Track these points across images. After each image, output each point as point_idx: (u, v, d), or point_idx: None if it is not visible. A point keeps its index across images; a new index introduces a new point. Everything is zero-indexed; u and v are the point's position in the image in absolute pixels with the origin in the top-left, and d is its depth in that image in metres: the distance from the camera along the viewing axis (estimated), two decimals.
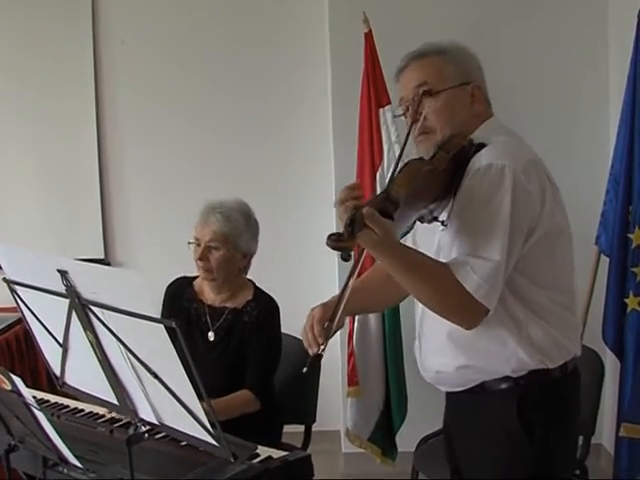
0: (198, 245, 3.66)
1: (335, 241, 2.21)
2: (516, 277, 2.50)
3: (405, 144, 2.54)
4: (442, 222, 2.51)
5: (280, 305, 3.73)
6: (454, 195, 2.50)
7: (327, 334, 2.53)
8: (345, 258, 2.25)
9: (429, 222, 2.53)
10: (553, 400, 2.61)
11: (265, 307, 3.70)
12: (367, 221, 2.22)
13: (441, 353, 2.65)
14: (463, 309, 2.43)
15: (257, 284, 3.81)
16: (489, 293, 2.38)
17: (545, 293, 2.55)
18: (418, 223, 2.62)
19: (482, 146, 2.53)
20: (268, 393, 3.64)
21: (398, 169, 2.42)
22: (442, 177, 2.46)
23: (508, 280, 2.47)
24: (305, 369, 2.46)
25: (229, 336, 3.66)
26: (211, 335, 3.67)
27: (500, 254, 2.38)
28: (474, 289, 2.37)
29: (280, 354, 3.72)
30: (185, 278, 3.84)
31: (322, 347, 2.51)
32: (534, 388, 2.57)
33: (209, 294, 3.77)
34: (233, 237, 3.64)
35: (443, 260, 2.49)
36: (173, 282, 3.86)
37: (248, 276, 3.80)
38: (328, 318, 2.54)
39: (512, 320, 2.52)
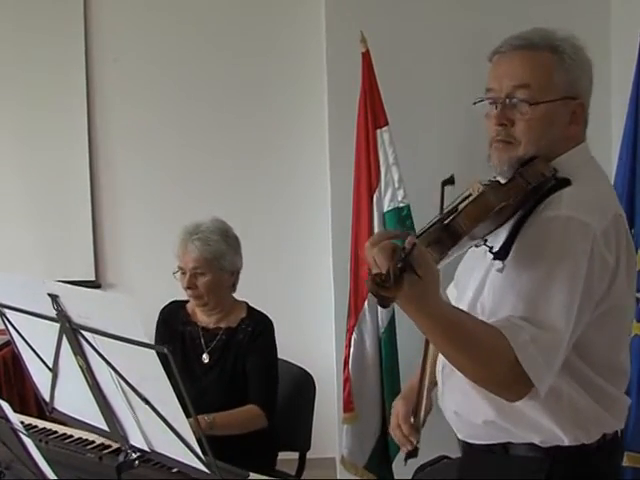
0: (183, 273, 3.64)
1: (379, 286, 1.78)
2: (568, 353, 2.13)
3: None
4: (490, 249, 2.16)
5: (276, 330, 3.69)
6: (517, 227, 2.16)
7: (417, 428, 2.40)
8: (384, 306, 1.85)
9: (477, 246, 2.21)
10: (587, 474, 2.29)
11: (260, 323, 3.68)
12: (414, 260, 1.82)
13: (466, 399, 2.32)
14: (509, 385, 2.06)
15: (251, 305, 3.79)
16: (544, 375, 2.02)
17: (596, 373, 2.21)
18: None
19: (566, 183, 2.17)
20: (274, 411, 3.60)
21: (472, 197, 2.06)
22: (511, 209, 2.13)
23: None
24: (405, 463, 2.44)
25: (224, 356, 3.62)
26: (205, 357, 3.63)
27: (565, 326, 2.03)
28: (529, 366, 1.99)
29: (277, 371, 3.69)
30: (177, 302, 3.82)
31: (416, 443, 2.39)
32: (566, 460, 2.26)
33: (202, 317, 3.74)
34: (216, 259, 3.62)
35: (489, 302, 2.19)
36: (166, 307, 3.85)
37: (242, 298, 3.76)
38: (412, 412, 2.40)
39: (555, 392, 2.15)
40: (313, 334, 5.45)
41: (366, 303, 4.70)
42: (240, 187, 5.66)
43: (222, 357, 3.63)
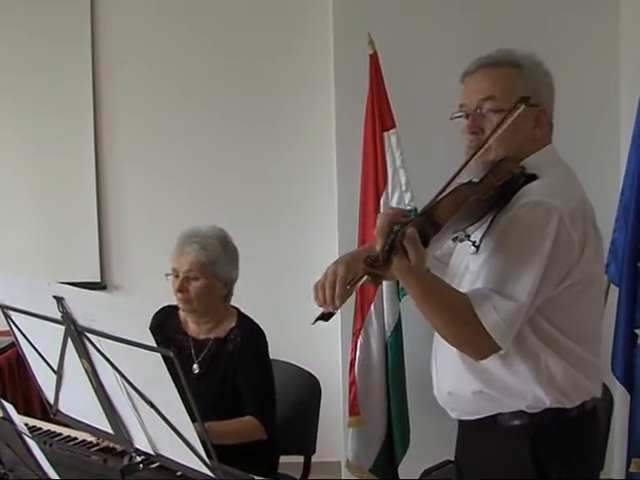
0: (176, 276, 3.60)
1: (370, 265, 2.18)
2: (540, 321, 2.44)
3: (466, 165, 2.43)
4: (473, 243, 2.45)
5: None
6: (493, 219, 2.45)
7: (346, 297, 2.44)
8: (375, 283, 2.27)
9: (461, 241, 2.48)
10: (568, 440, 2.53)
11: (248, 333, 3.62)
12: (406, 242, 2.19)
13: (456, 375, 2.59)
14: (476, 344, 2.39)
15: (242, 310, 3.74)
16: (505, 334, 2.34)
17: (569, 339, 2.48)
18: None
19: (533, 177, 2.45)
20: (273, 422, 3.56)
21: (446, 192, 2.31)
22: (486, 203, 2.40)
23: (533, 322, 2.43)
24: (313, 323, 2.43)
25: (214, 367, 3.57)
26: (195, 367, 3.59)
27: (526, 296, 2.34)
28: (492, 328, 2.32)
29: (273, 378, 3.64)
30: (171, 307, 3.75)
31: (337, 307, 2.43)
32: (549, 427, 2.51)
33: (192, 326, 3.69)
34: (211, 265, 3.56)
35: (467, 283, 2.48)
36: (159, 311, 3.78)
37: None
38: (350, 280, 2.41)
39: (532, 358, 2.46)
40: (319, 337, 5.41)
41: (372, 307, 4.67)
42: (247, 190, 5.65)
43: (212, 368, 3.58)
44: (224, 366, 3.56)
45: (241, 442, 3.38)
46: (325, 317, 2.41)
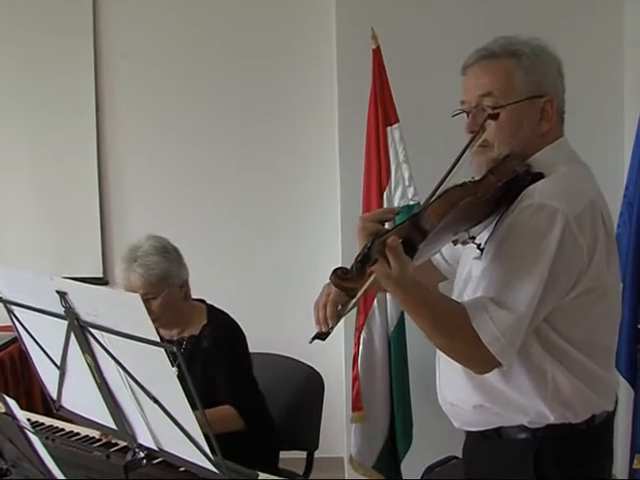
0: None
1: (339, 278, 2.10)
2: (548, 331, 2.32)
3: (461, 156, 2.35)
4: (478, 245, 2.35)
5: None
6: (497, 221, 2.35)
7: (338, 318, 2.42)
8: (351, 297, 2.17)
9: (464, 244, 2.38)
10: (575, 456, 2.43)
11: (220, 326, 3.63)
12: (387, 251, 2.06)
13: (457, 387, 2.51)
14: (473, 357, 2.27)
15: (208, 302, 3.75)
16: (505, 349, 2.20)
17: (578, 351, 2.35)
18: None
19: (539, 176, 2.32)
20: (252, 412, 3.55)
21: (436, 195, 2.18)
22: (486, 204, 2.26)
23: (538, 331, 2.30)
24: (310, 341, 2.38)
25: (192, 366, 3.56)
26: (174, 370, 3.57)
27: (526, 306, 2.20)
28: (489, 342, 2.19)
29: (249, 368, 3.65)
30: None
31: (330, 327, 2.41)
32: (554, 441, 2.41)
33: (164, 331, 3.68)
34: (162, 280, 3.55)
35: (470, 290, 2.37)
36: None
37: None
38: (342, 301, 2.40)
39: (538, 371, 2.34)
40: None
41: (375, 302, 4.66)
42: (249, 186, 5.64)
43: (189, 367, 3.54)
44: (201, 363, 3.57)
45: (218, 431, 3.35)
46: (321, 336, 2.39)
